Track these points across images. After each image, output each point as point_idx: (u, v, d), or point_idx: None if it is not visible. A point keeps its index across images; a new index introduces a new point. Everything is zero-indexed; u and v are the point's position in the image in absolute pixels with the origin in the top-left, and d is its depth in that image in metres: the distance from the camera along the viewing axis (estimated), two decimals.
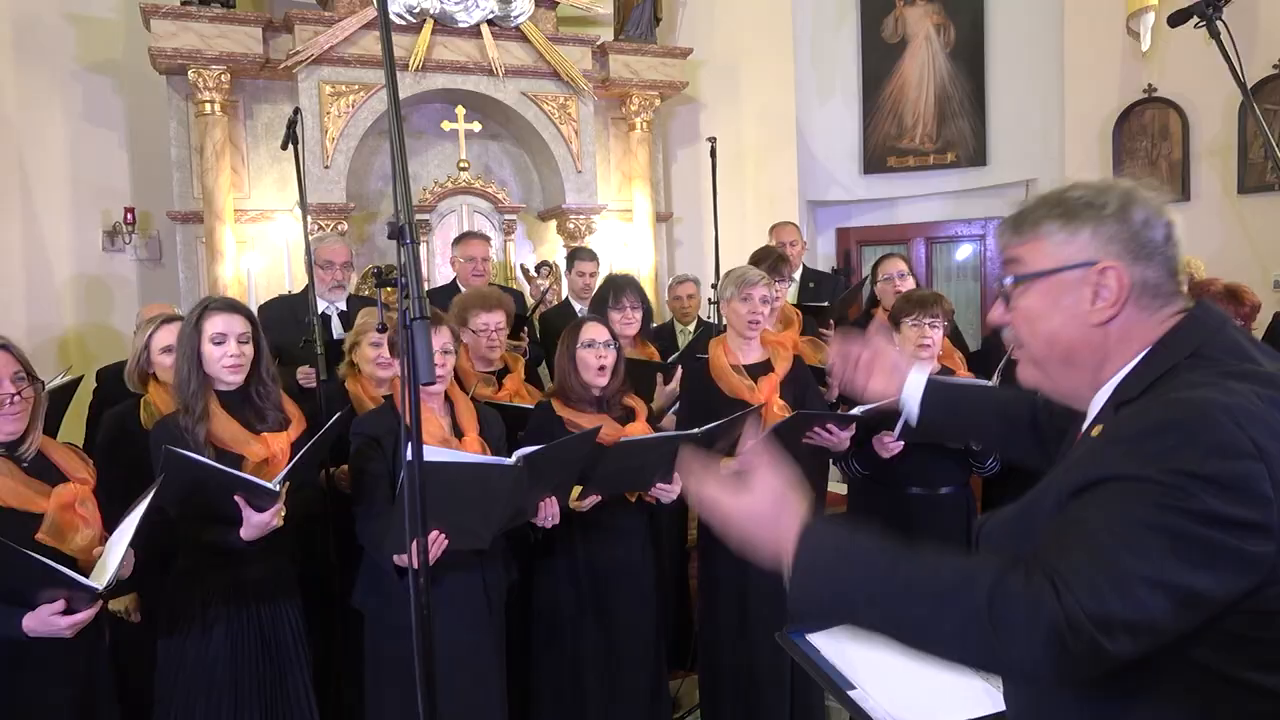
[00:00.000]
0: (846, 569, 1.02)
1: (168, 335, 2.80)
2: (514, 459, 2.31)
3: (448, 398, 2.66)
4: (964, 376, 3.22)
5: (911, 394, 1.59)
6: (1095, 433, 1.08)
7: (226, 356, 2.38)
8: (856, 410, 2.93)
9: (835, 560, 1.03)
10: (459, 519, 2.32)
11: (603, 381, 2.86)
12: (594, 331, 2.89)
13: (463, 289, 4.18)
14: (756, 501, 1.09)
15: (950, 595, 0.94)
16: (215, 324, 2.38)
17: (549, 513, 2.57)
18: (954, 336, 4.03)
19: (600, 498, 2.73)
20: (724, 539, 1.11)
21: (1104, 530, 0.92)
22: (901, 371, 1.60)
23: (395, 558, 2.36)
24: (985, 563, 0.97)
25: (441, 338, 2.56)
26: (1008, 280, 1.17)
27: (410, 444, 1.42)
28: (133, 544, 2.01)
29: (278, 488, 2.22)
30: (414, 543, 1.45)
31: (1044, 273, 1.12)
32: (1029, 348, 1.17)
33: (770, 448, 1.13)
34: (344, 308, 4.01)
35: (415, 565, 1.45)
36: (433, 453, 2.17)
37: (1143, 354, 1.09)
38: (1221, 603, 0.92)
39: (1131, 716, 1.02)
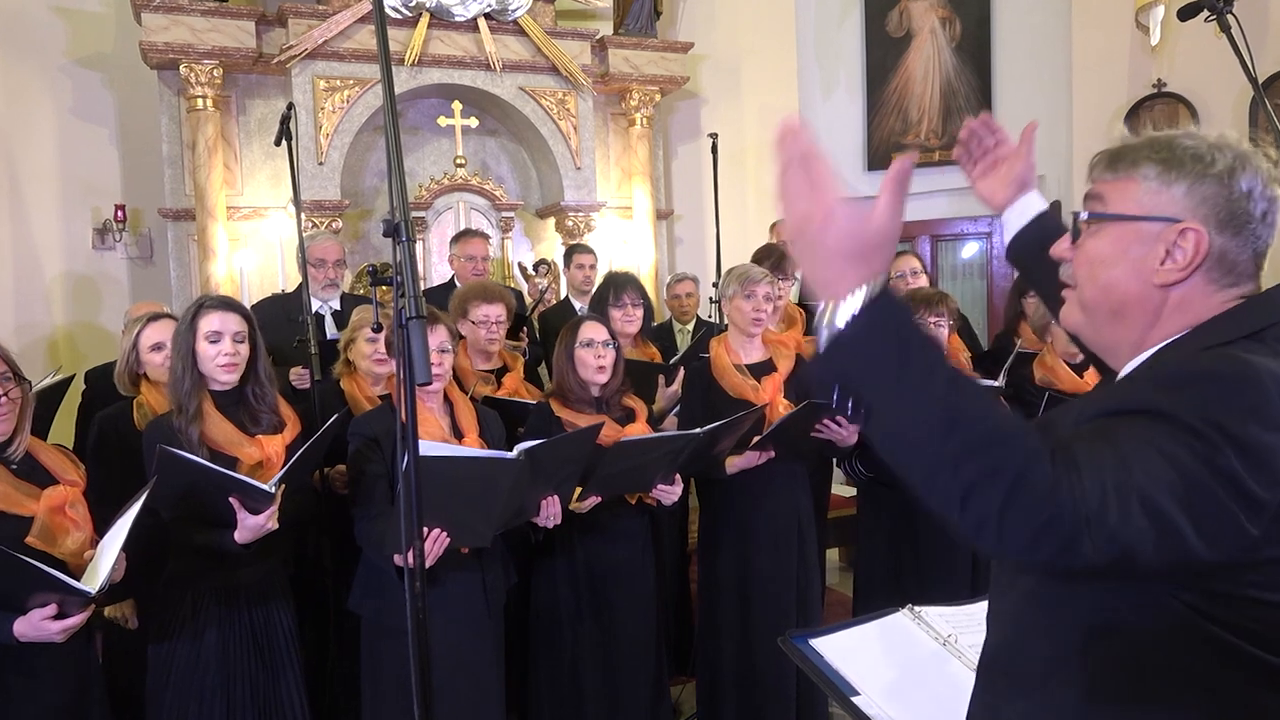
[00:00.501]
0: (900, 357, 0.92)
1: (156, 333, 2.80)
2: (515, 452, 2.32)
3: (447, 398, 2.66)
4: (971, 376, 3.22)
5: (1016, 218, 1.47)
6: None
7: (221, 355, 2.38)
8: None
9: (893, 341, 0.93)
10: (460, 516, 2.33)
11: (601, 380, 2.87)
12: (592, 330, 2.90)
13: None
14: (862, 224, 0.94)
15: (990, 444, 0.88)
16: (210, 322, 2.39)
17: (550, 512, 2.57)
18: (966, 335, 4.03)
19: (600, 499, 2.73)
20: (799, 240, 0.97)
21: (1128, 446, 0.90)
22: (1020, 187, 1.47)
23: (396, 557, 2.36)
24: (1029, 429, 0.91)
25: (438, 336, 2.57)
26: (1082, 215, 1.12)
27: (406, 445, 1.43)
28: (125, 548, 2.02)
29: (273, 489, 2.22)
30: (411, 545, 1.45)
31: (1122, 216, 1.07)
32: (1082, 290, 1.13)
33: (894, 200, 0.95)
34: (337, 307, 4.02)
35: (412, 565, 1.45)
36: (432, 447, 2.17)
37: (1192, 327, 1.05)
38: (1195, 558, 0.90)
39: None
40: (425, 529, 2.24)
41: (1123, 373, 1.11)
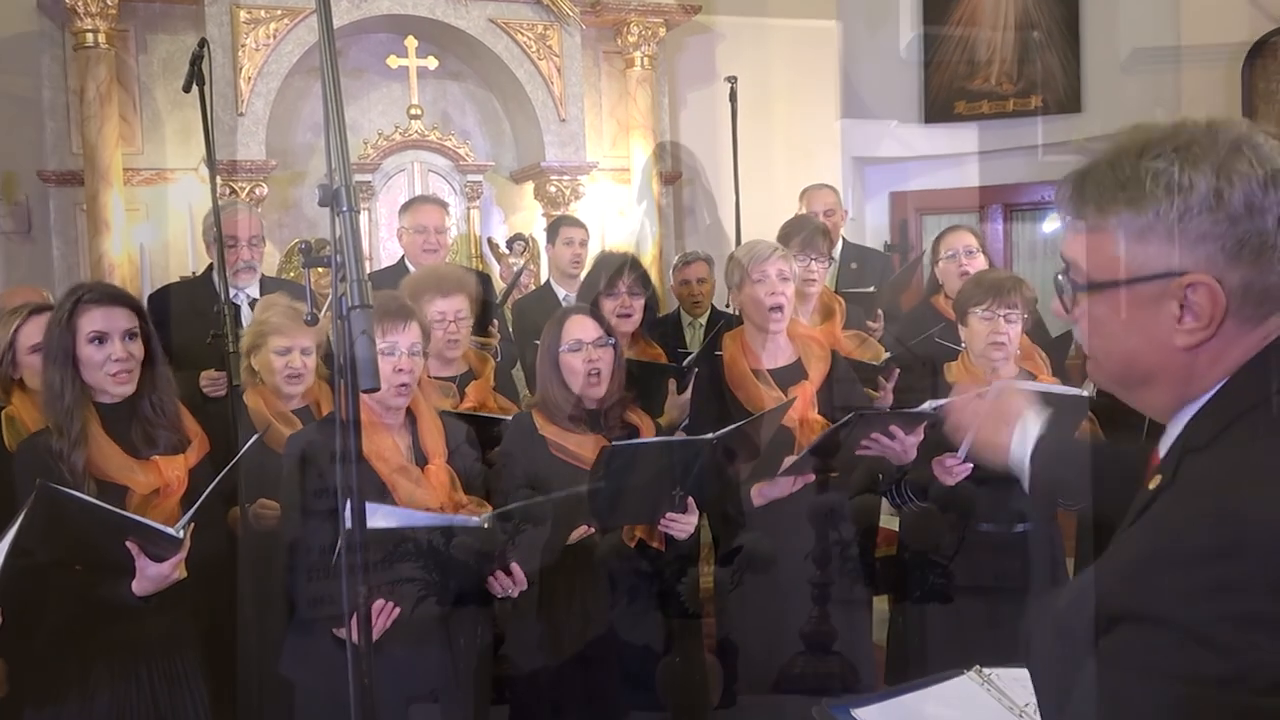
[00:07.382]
0: None
1: (37, 330, 2.80)
2: (481, 518, 2.34)
3: (410, 412, 2.65)
4: (1049, 383, 3.22)
5: (1021, 451, 1.72)
6: (1152, 485, 1.08)
7: (110, 361, 2.37)
8: (927, 406, 2.90)
9: None
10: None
11: (597, 393, 2.85)
12: (579, 328, 2.88)
13: (412, 269, 4.19)
14: None
15: None
16: (93, 319, 2.38)
17: (507, 584, 2.55)
18: (1037, 333, 4.03)
19: (591, 530, 2.71)
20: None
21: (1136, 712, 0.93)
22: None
23: (334, 631, 2.37)
24: None
25: (410, 335, 2.57)
26: (1066, 288, 1.15)
27: (348, 477, 1.43)
28: None
29: (180, 533, 2.22)
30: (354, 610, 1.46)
31: (1111, 284, 1.09)
32: (1101, 364, 1.17)
33: None
34: (256, 294, 4.02)
35: (355, 637, 1.45)
36: (379, 512, 2.17)
37: (1228, 377, 1.06)
38: None
39: None
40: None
41: (1169, 431, 1.13)
